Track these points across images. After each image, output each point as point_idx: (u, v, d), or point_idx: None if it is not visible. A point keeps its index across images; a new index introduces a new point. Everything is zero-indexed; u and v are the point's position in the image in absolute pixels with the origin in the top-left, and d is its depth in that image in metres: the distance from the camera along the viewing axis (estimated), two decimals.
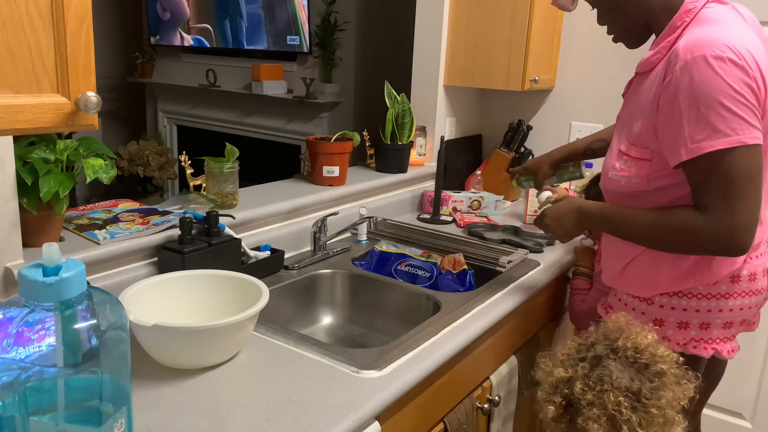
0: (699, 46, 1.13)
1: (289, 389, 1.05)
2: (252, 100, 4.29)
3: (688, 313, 1.30)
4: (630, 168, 1.27)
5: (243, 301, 1.18)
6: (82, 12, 0.74)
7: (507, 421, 1.55)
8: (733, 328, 1.32)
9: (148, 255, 1.37)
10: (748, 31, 1.19)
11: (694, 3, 1.23)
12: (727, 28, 1.17)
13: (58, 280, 0.72)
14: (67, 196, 1.17)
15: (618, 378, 1.02)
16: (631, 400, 1.01)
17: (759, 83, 1.13)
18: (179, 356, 1.08)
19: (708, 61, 1.11)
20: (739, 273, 1.28)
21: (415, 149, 2.27)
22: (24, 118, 0.72)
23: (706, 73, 1.11)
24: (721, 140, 1.11)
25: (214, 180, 1.60)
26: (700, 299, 1.29)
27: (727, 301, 1.29)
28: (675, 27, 1.23)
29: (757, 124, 1.12)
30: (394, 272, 1.74)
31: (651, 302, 1.33)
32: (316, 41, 3.91)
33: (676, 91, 1.15)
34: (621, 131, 1.33)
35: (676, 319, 1.31)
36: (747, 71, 1.11)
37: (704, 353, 1.31)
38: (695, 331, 1.31)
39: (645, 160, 1.24)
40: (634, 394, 1.02)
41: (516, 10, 2.13)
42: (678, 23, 1.23)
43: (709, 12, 1.22)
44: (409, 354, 1.18)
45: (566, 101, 2.43)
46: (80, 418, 0.77)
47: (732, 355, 1.34)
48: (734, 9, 1.25)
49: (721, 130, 1.11)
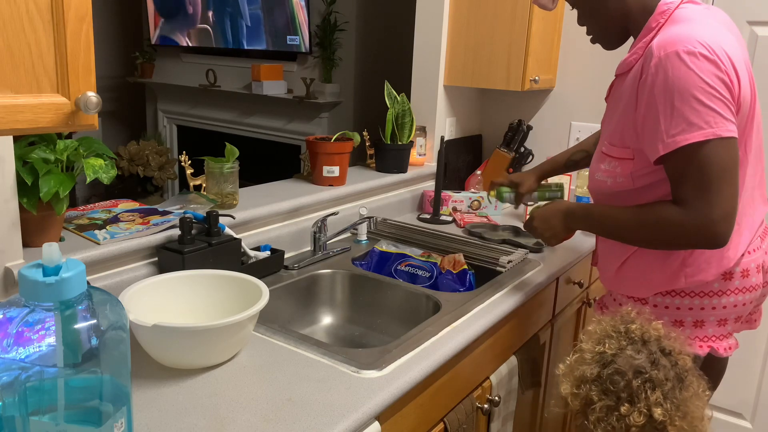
0: (671, 43, 1.16)
1: (289, 389, 1.05)
2: (252, 100, 4.29)
3: (682, 312, 1.31)
4: (614, 168, 1.29)
5: (243, 301, 1.18)
6: (82, 12, 0.74)
7: (507, 421, 1.55)
8: (728, 325, 1.32)
9: (148, 255, 1.37)
10: (720, 29, 1.22)
11: (667, 4, 1.26)
12: (699, 26, 1.19)
13: (58, 280, 0.72)
14: (67, 196, 1.17)
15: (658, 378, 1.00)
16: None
17: (732, 77, 1.15)
18: (179, 356, 1.08)
19: (680, 56, 1.14)
20: (732, 270, 1.28)
21: (415, 149, 2.27)
22: (24, 118, 0.72)
23: (679, 68, 1.13)
24: (695, 133, 1.13)
25: (214, 180, 1.60)
26: (692, 297, 1.29)
27: (720, 298, 1.29)
28: (651, 28, 1.26)
29: (730, 117, 1.14)
30: (394, 272, 1.74)
31: (645, 302, 1.34)
32: (316, 41, 3.91)
33: (651, 87, 1.17)
34: (604, 134, 1.35)
35: (670, 318, 1.32)
36: (719, 65, 1.13)
37: (700, 351, 1.31)
38: (690, 330, 1.31)
39: (628, 159, 1.26)
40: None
41: (516, 10, 2.13)
42: (653, 24, 1.26)
43: (682, 12, 1.24)
44: (409, 354, 1.18)
45: (566, 101, 2.43)
46: (80, 418, 0.77)
47: (729, 352, 1.34)
48: (707, 9, 1.28)
49: (695, 123, 1.13)
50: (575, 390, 1.03)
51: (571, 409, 1.06)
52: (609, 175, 1.31)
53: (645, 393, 0.97)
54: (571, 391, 1.04)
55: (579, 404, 1.03)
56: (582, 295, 2.05)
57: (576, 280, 1.93)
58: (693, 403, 0.99)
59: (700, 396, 1.01)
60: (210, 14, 4.33)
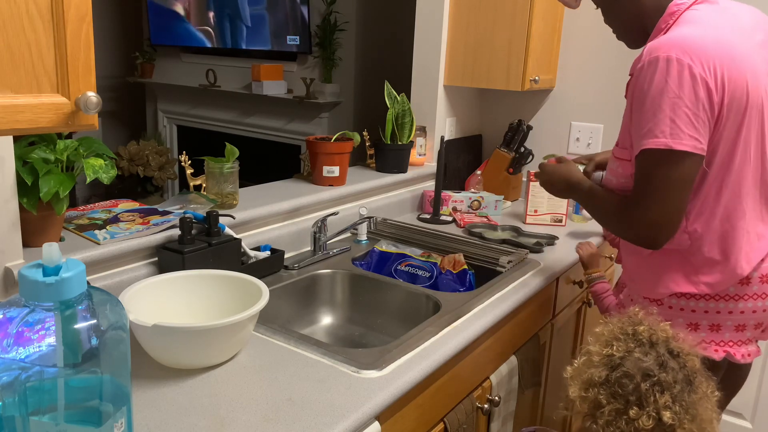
0: (659, 48, 1.16)
1: (289, 389, 1.05)
2: (252, 100, 4.29)
3: (698, 315, 1.30)
4: (618, 168, 1.32)
5: (243, 301, 1.17)
6: (82, 12, 0.74)
7: (507, 421, 1.55)
8: (747, 331, 1.31)
9: (148, 255, 1.37)
10: (723, 33, 1.19)
11: (678, 5, 1.24)
12: (698, 30, 1.18)
13: (58, 280, 0.72)
14: (67, 196, 1.17)
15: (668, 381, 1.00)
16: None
17: (713, 91, 1.13)
18: (179, 356, 1.08)
19: (659, 62, 1.14)
20: (750, 275, 1.27)
21: (415, 149, 2.27)
22: (24, 118, 0.72)
23: (656, 75, 1.14)
24: (650, 140, 1.16)
25: (214, 180, 1.60)
26: (708, 300, 1.29)
27: (737, 303, 1.28)
28: (660, 29, 1.26)
29: (694, 133, 1.13)
30: (394, 272, 1.75)
31: (660, 303, 1.34)
32: (316, 41, 3.91)
33: (633, 89, 1.20)
34: None
35: (686, 320, 1.31)
36: (696, 76, 1.12)
37: (715, 355, 1.30)
38: (705, 333, 1.30)
39: (626, 161, 1.28)
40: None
41: (516, 10, 2.13)
42: (662, 26, 1.25)
43: (691, 14, 1.23)
44: (409, 354, 1.18)
45: (566, 101, 2.42)
46: (80, 418, 0.77)
47: (748, 359, 1.33)
48: (722, 10, 1.25)
49: (652, 130, 1.15)
50: (583, 393, 1.03)
51: (578, 411, 1.05)
52: (614, 175, 1.33)
53: (654, 396, 0.96)
54: (579, 394, 1.03)
55: (587, 407, 1.02)
56: (582, 295, 2.05)
57: (576, 280, 1.93)
58: (702, 405, 0.99)
59: (709, 398, 1.01)
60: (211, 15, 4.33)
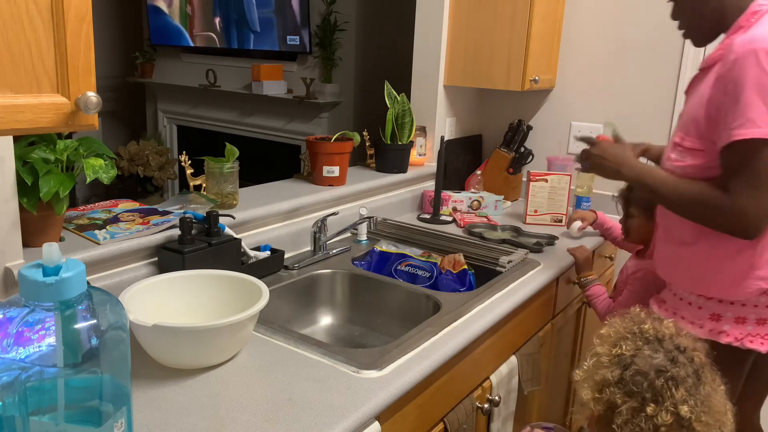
0: (752, 41, 1.18)
1: (289, 389, 1.05)
2: (252, 100, 4.29)
3: (747, 308, 1.32)
4: (684, 158, 1.33)
5: (243, 301, 1.17)
6: (82, 12, 0.74)
7: (507, 421, 1.55)
8: None
9: (148, 255, 1.37)
10: None
11: (761, 5, 1.27)
12: None
13: (58, 280, 0.72)
14: (67, 196, 1.17)
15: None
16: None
17: None
18: (179, 356, 1.08)
19: (757, 55, 1.16)
20: None
21: (415, 149, 2.27)
22: (24, 118, 0.72)
23: (753, 66, 1.16)
24: (751, 130, 1.16)
25: (214, 180, 1.60)
26: (759, 294, 1.30)
27: None
28: (739, 26, 1.27)
29: None
30: (394, 272, 1.74)
31: (708, 297, 1.34)
32: (316, 41, 3.91)
33: (726, 81, 1.21)
34: (679, 124, 1.38)
35: (734, 314, 1.32)
36: None
37: (761, 348, 1.32)
38: (752, 326, 1.32)
39: (698, 151, 1.29)
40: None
41: (516, 11, 2.13)
42: (743, 23, 1.27)
43: None
44: (409, 354, 1.18)
45: (566, 101, 2.42)
46: (80, 418, 0.77)
47: None
48: None
49: (752, 120, 1.16)
50: (597, 394, 1.02)
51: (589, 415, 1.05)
52: (678, 165, 1.34)
53: (669, 391, 0.97)
54: (592, 396, 1.03)
55: (602, 408, 1.02)
56: (582, 296, 2.05)
57: (576, 281, 1.93)
58: (714, 397, 1.00)
59: (717, 390, 1.02)
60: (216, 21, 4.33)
